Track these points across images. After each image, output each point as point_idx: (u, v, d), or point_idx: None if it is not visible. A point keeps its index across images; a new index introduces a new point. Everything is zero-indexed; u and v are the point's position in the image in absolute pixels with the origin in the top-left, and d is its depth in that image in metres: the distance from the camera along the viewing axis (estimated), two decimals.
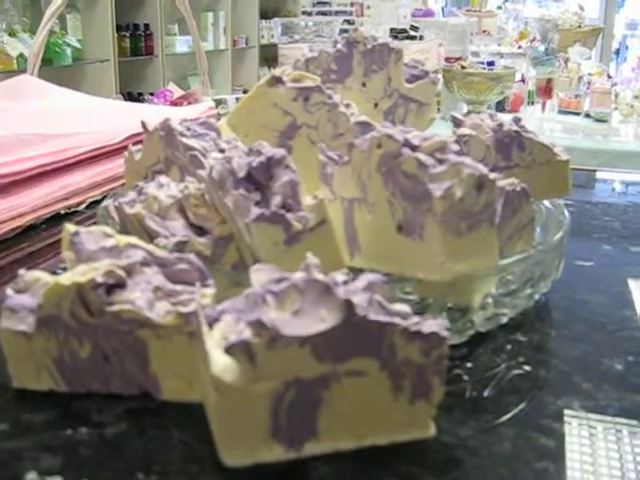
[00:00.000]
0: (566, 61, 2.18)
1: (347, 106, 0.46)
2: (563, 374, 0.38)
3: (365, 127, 0.45)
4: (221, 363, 0.29)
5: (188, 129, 0.49)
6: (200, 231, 0.42)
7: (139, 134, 0.77)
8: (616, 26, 5.39)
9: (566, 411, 0.35)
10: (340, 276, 0.31)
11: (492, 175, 0.36)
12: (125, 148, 0.73)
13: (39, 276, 0.36)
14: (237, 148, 0.48)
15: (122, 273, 0.34)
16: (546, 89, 2.38)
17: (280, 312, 0.30)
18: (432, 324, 0.31)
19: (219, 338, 0.30)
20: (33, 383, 0.36)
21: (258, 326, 0.29)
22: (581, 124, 2.30)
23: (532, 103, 2.40)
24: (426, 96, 0.48)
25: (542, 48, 2.12)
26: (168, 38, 3.52)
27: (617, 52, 5.65)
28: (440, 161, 0.36)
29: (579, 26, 3.38)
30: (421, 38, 2.98)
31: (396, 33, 2.99)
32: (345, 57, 0.49)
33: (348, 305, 0.29)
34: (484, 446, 0.32)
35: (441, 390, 0.32)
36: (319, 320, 0.29)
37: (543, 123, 2.32)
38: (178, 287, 0.36)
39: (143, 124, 0.51)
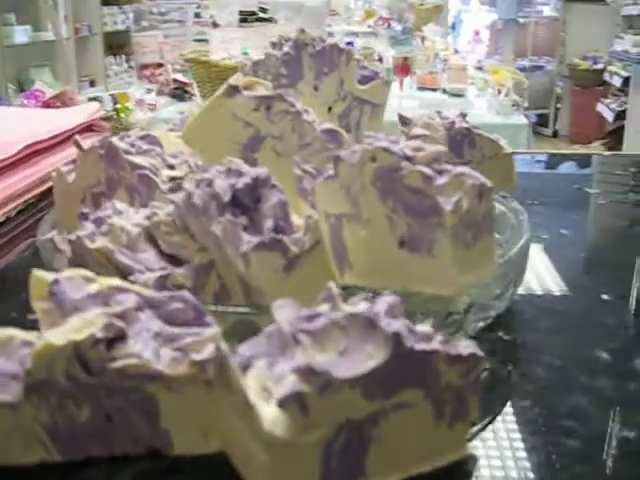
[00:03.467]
0: (423, 39, 2.26)
1: (306, 112, 0.44)
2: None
3: (332, 135, 0.43)
4: (269, 417, 0.27)
5: (132, 145, 0.45)
6: (173, 260, 0.39)
7: (36, 143, 0.70)
8: (451, 1, 5.65)
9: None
10: (380, 306, 0.29)
11: (488, 183, 0.36)
12: (23, 161, 0.66)
13: (12, 334, 0.32)
14: (186, 163, 0.45)
15: (121, 324, 0.30)
16: (403, 67, 2.46)
17: (323, 353, 0.28)
18: (467, 345, 0.30)
19: (257, 388, 0.28)
20: (20, 457, 0.31)
21: (308, 372, 0.27)
22: (438, 99, 2.41)
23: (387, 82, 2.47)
24: (379, 97, 0.47)
25: (399, 28, 2.18)
26: (5, 28, 3.23)
27: (453, 26, 5.95)
28: (439, 172, 0.35)
29: (421, 4, 3.53)
30: (271, 20, 2.95)
31: (246, 15, 2.95)
32: (294, 60, 0.46)
33: (396, 338, 0.28)
34: None
35: (477, 409, 0.31)
36: (367, 357, 0.28)
37: (402, 100, 2.40)
38: (177, 330, 0.32)
39: (77, 142, 0.46)
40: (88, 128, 0.85)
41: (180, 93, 2.26)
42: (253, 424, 0.27)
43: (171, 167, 0.45)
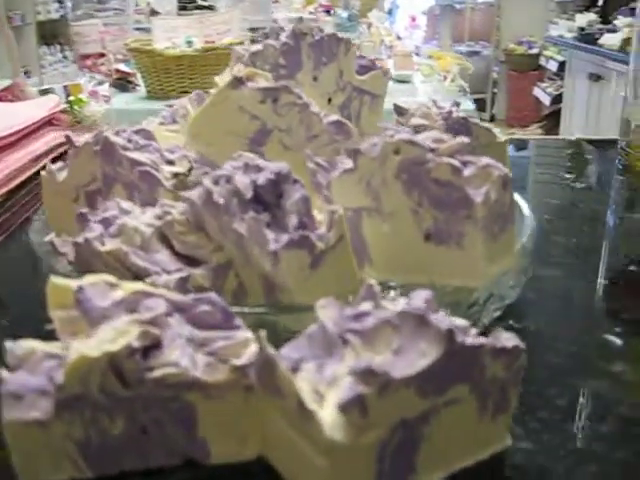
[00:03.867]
0: (369, 26, 2.26)
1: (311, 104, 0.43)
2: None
3: (339, 127, 0.42)
4: (327, 421, 0.26)
5: (129, 140, 0.43)
6: (188, 260, 0.37)
7: (4, 137, 0.67)
8: None
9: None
10: (418, 301, 0.29)
11: (510, 173, 0.36)
12: None
13: (32, 347, 0.30)
14: (185, 158, 0.43)
15: (156, 331, 0.29)
16: None
17: (375, 353, 0.27)
18: (509, 338, 0.30)
19: (309, 391, 0.27)
20: (49, 475, 0.29)
21: (367, 374, 0.26)
22: None
23: None
24: (378, 87, 0.47)
25: (345, 15, 2.17)
26: None
27: (390, 12, 5.99)
28: (463, 164, 0.35)
29: None
30: (211, 8, 2.89)
31: (185, 3, 2.88)
32: (293, 50, 0.45)
33: (449, 335, 0.27)
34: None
35: (516, 400, 0.31)
36: (421, 355, 0.27)
37: None
38: (207, 334, 0.31)
39: (68, 138, 0.43)
40: (48, 122, 0.81)
41: (123, 83, 2.19)
42: (308, 429, 0.26)
43: (170, 162, 0.43)
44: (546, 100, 3.90)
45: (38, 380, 0.29)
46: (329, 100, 0.45)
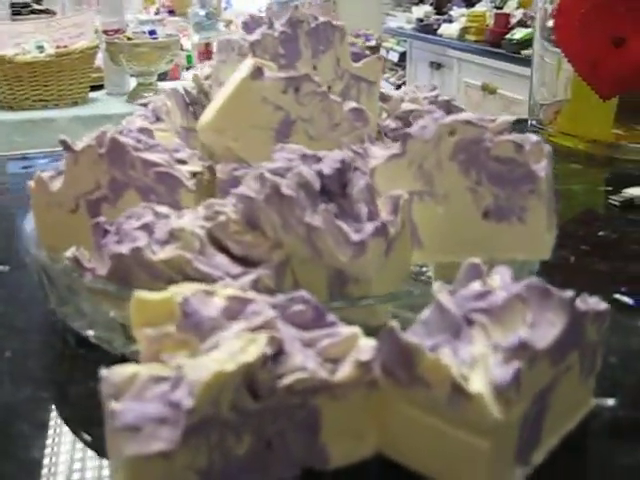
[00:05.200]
0: (229, 23, 2.23)
1: None
2: None
3: (358, 114, 0.42)
4: (487, 403, 0.26)
5: (138, 141, 0.39)
6: (242, 262, 0.35)
7: None
8: None
9: None
10: (506, 276, 0.30)
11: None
12: None
13: (134, 372, 0.26)
14: (196, 156, 0.41)
15: (279, 336, 0.27)
16: (206, 53, 2.41)
17: (506, 329, 0.28)
18: (597, 302, 0.32)
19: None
20: None
21: (519, 349, 0.26)
22: None
23: (189, 68, 2.42)
24: (374, 74, 0.46)
25: (203, 13, 2.13)
26: None
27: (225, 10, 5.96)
28: None
29: None
30: (49, 12, 2.70)
31: (19, 8, 2.67)
32: (291, 39, 0.44)
33: (571, 303, 0.28)
34: None
35: (601, 361, 0.33)
36: (550, 325, 0.28)
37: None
38: (312, 334, 0.30)
39: (64, 142, 0.39)
40: None
41: None
42: (463, 412, 0.26)
43: (182, 162, 0.40)
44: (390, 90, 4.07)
45: (154, 407, 0.25)
46: (329, 88, 0.44)
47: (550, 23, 0.83)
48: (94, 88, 1.89)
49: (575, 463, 0.31)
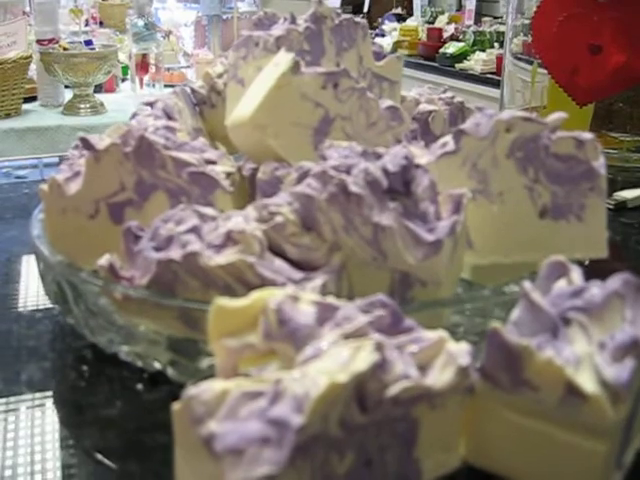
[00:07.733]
0: (169, 34, 2.18)
1: None
2: None
3: (393, 112, 0.40)
4: (604, 404, 0.24)
5: (167, 139, 0.36)
6: (296, 266, 0.33)
7: None
8: None
9: None
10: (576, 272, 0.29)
11: None
12: None
13: (227, 387, 0.24)
14: (225, 156, 0.39)
15: (383, 342, 0.25)
16: (142, 65, 2.35)
17: (605, 327, 0.27)
18: None
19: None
20: None
21: (632, 346, 0.25)
22: None
23: (124, 80, 2.35)
24: (396, 73, 0.45)
25: (141, 23, 2.07)
26: None
27: None
28: None
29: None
30: None
31: None
32: (315, 35, 0.42)
33: None
34: None
35: None
36: None
37: (137, 100, 2.29)
38: (397, 340, 0.28)
39: (86, 141, 0.35)
40: None
41: None
42: (577, 415, 0.25)
43: (212, 162, 0.37)
44: None
45: (255, 427, 0.23)
46: None
47: (517, 40, 0.85)
48: (26, 100, 1.80)
49: None
